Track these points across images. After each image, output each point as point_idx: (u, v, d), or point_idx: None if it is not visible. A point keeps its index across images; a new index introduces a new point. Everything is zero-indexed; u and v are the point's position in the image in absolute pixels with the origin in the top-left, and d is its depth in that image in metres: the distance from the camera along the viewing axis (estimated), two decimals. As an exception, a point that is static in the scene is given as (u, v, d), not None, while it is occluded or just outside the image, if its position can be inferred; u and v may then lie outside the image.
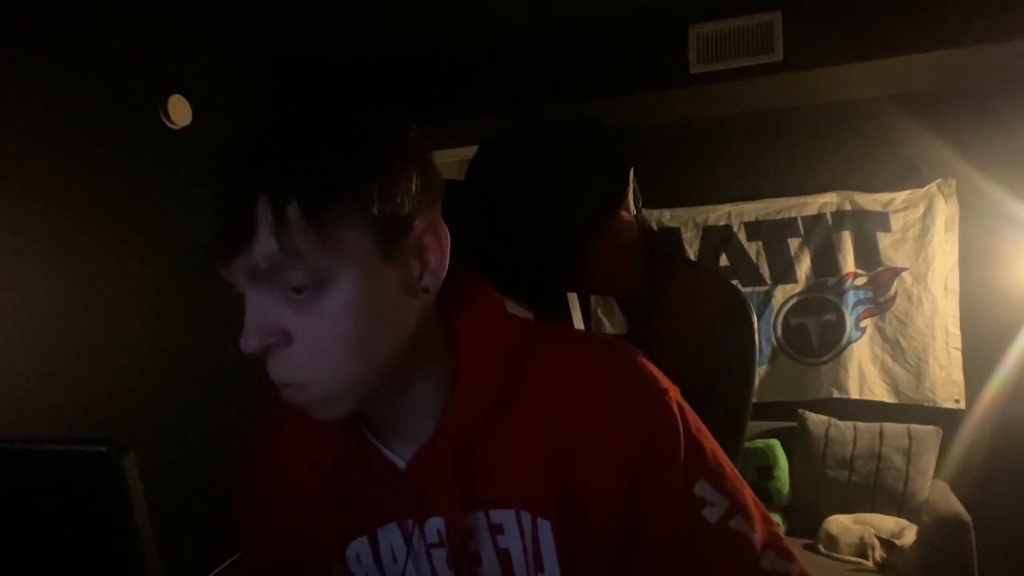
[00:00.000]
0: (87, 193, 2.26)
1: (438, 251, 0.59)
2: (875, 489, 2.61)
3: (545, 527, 0.61)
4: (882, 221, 2.93)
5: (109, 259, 2.33)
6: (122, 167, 2.39)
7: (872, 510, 2.57)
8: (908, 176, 2.89)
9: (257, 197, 0.51)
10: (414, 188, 0.56)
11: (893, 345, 2.91)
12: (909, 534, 2.39)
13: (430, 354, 0.61)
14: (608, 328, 3.02)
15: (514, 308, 0.66)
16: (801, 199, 3.03)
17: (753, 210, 3.10)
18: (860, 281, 2.97)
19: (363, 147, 0.54)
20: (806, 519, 2.66)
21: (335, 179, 0.52)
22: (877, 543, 2.37)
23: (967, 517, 2.20)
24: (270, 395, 0.70)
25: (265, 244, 0.51)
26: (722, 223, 3.15)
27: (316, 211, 0.51)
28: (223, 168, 0.53)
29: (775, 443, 2.82)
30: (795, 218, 3.04)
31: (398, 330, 0.57)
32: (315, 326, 0.53)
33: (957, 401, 2.80)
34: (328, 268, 0.52)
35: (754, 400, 1.05)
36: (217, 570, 2.48)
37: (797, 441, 2.81)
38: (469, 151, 0.96)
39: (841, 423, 2.75)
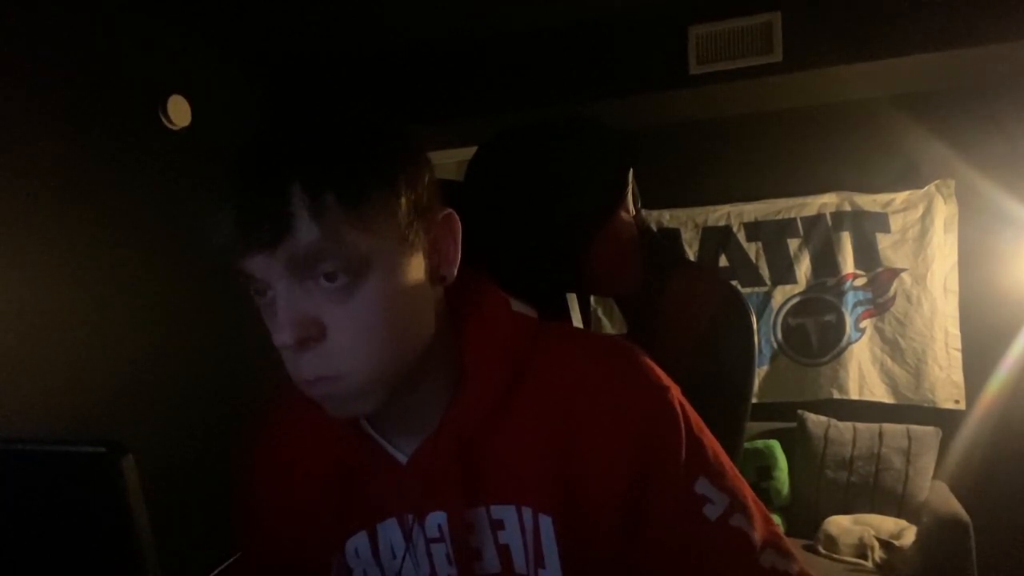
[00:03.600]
0: (86, 193, 2.26)
1: (452, 240, 0.60)
2: (874, 490, 2.61)
3: (546, 523, 0.61)
4: (881, 222, 2.93)
5: (108, 259, 2.33)
6: (122, 167, 2.39)
7: (871, 511, 2.57)
8: (907, 177, 2.89)
9: (293, 185, 0.51)
10: (429, 179, 0.58)
11: (892, 346, 2.92)
12: (908, 535, 2.39)
13: (439, 349, 0.61)
14: (608, 328, 3.02)
15: (519, 306, 0.67)
16: (800, 200, 3.03)
17: (752, 211, 3.10)
18: (859, 282, 2.97)
19: (387, 137, 0.56)
20: (805, 520, 2.66)
21: (366, 167, 0.53)
22: (876, 544, 2.37)
23: (966, 518, 2.20)
24: (270, 392, 0.70)
25: (307, 231, 0.51)
26: (721, 224, 3.15)
27: (352, 198, 0.52)
28: (250, 160, 0.53)
29: (775, 444, 2.82)
30: (794, 219, 3.04)
31: (425, 320, 0.59)
32: (349, 316, 0.54)
33: (957, 402, 2.80)
34: (364, 256, 0.53)
35: (754, 400, 1.05)
36: (217, 570, 2.48)
37: (797, 442, 2.81)
38: (468, 152, 0.96)
39: (840, 424, 2.75)
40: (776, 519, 0.65)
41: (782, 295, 3.08)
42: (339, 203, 0.51)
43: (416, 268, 0.57)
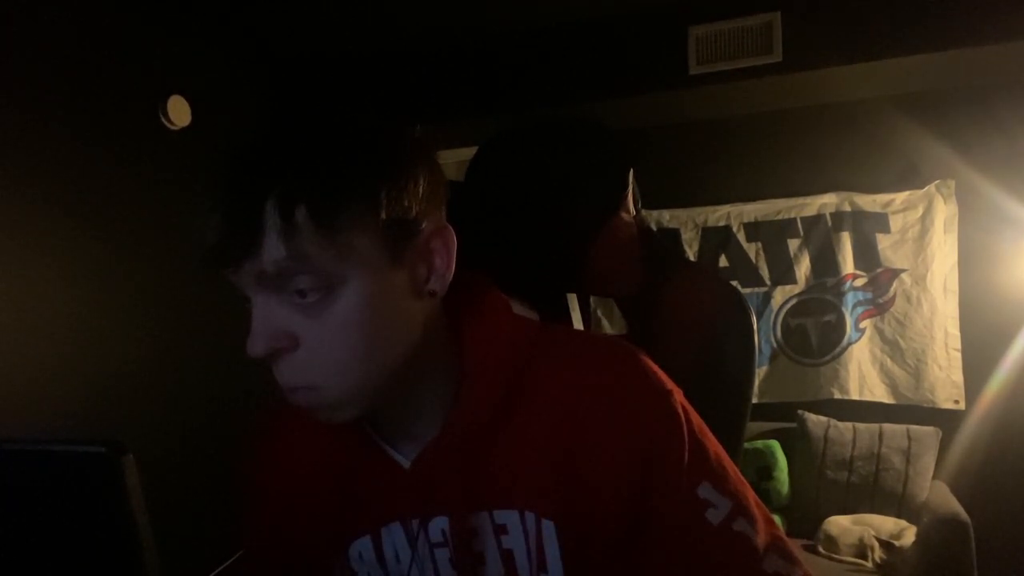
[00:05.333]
0: (86, 193, 2.26)
1: (445, 254, 0.59)
2: (874, 490, 2.61)
3: (549, 528, 0.61)
4: (881, 222, 2.93)
5: (108, 259, 2.33)
6: (121, 168, 2.39)
7: (871, 511, 2.57)
8: (907, 177, 2.89)
9: (265, 201, 0.50)
10: (421, 191, 0.56)
11: (892, 346, 2.92)
12: (908, 535, 2.39)
13: (436, 355, 0.61)
14: (608, 328, 3.02)
15: (519, 309, 0.67)
16: (800, 200, 3.03)
17: (752, 211, 3.10)
18: (859, 282, 2.97)
19: (371, 151, 0.54)
20: (805, 520, 2.66)
21: (344, 183, 0.52)
22: (876, 544, 2.37)
23: (966, 518, 2.21)
24: (272, 393, 0.70)
25: (274, 249, 0.51)
26: (721, 224, 3.15)
27: (325, 215, 0.51)
28: (231, 172, 0.53)
29: (775, 444, 2.82)
30: (794, 219, 3.04)
31: (405, 333, 0.57)
32: (323, 331, 0.53)
33: (956, 402, 2.80)
34: (336, 273, 0.52)
35: (754, 401, 1.05)
36: (217, 570, 2.48)
37: (797, 442, 2.81)
38: (468, 152, 0.96)
39: (840, 424, 2.75)
40: (776, 519, 0.65)
41: (782, 295, 3.09)
42: (311, 221, 0.50)
43: (398, 283, 0.56)
